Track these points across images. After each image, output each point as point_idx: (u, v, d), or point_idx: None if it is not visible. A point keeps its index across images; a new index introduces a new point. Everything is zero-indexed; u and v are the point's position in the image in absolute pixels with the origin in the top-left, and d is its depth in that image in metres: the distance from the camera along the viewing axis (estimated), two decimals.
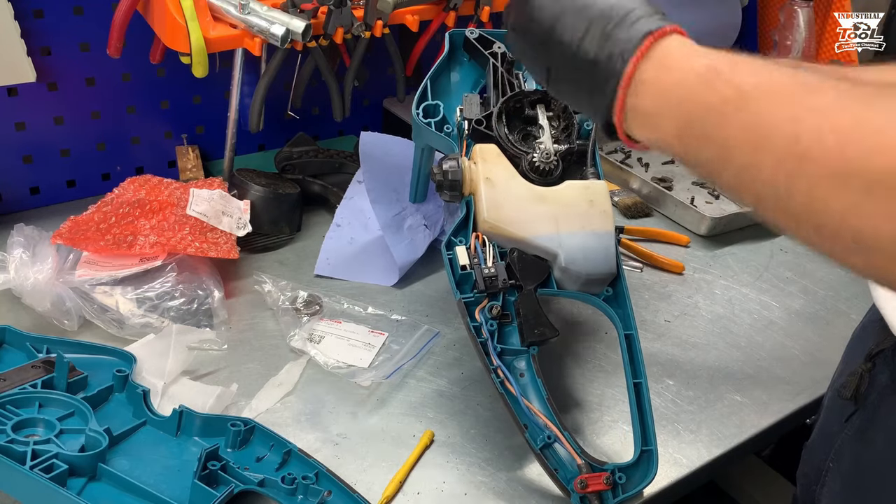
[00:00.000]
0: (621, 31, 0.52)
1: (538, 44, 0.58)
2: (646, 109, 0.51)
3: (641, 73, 0.50)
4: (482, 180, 0.79)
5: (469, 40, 0.91)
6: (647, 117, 0.51)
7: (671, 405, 0.88)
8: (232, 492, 0.66)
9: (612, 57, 0.52)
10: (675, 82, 0.49)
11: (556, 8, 0.56)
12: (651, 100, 0.50)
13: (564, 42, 0.55)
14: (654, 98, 0.50)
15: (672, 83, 0.49)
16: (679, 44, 0.50)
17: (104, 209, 1.00)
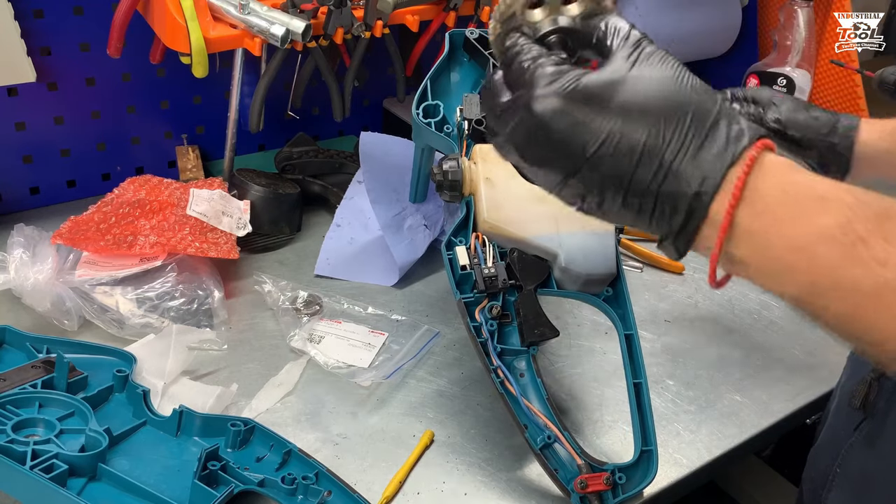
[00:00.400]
0: (706, 152, 0.41)
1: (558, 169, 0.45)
2: (746, 263, 0.41)
3: (738, 217, 0.40)
4: (482, 180, 0.79)
5: (469, 40, 0.91)
6: (751, 273, 0.41)
7: (671, 405, 0.88)
8: (232, 492, 0.66)
9: (695, 192, 0.41)
10: (789, 239, 0.39)
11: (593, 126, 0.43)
12: (752, 255, 0.41)
13: (607, 169, 0.43)
14: (757, 254, 0.40)
15: (785, 239, 0.39)
16: (779, 172, 0.40)
17: (104, 209, 1.00)
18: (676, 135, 0.42)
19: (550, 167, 0.46)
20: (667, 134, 0.42)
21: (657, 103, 0.42)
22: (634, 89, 0.42)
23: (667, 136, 0.42)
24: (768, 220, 0.40)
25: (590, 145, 0.43)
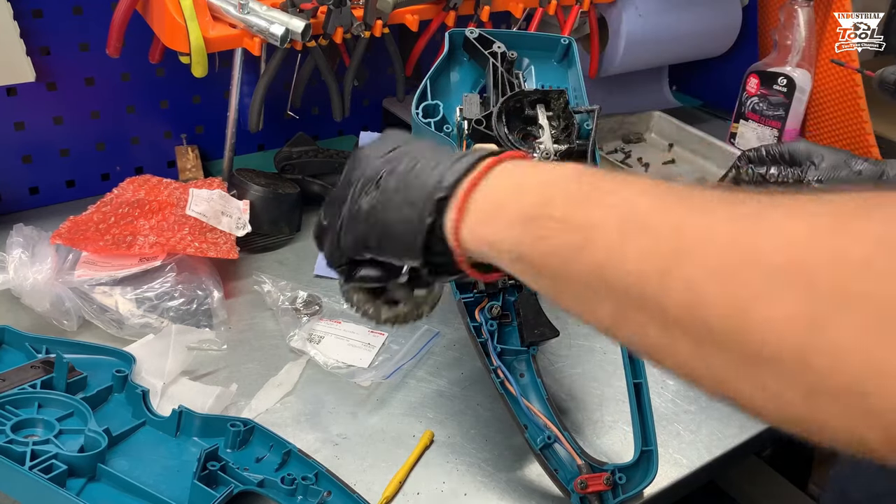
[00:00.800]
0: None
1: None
2: (497, 199, 0.46)
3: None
4: None
5: (469, 40, 0.91)
6: (497, 204, 0.46)
7: (671, 405, 0.88)
8: (231, 492, 0.66)
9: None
10: (541, 172, 0.45)
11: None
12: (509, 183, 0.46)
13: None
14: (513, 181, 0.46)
15: (537, 173, 0.45)
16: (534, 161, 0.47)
17: (103, 209, 1.00)
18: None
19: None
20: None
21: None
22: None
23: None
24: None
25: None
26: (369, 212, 0.52)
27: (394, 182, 0.51)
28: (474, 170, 0.47)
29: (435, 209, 0.47)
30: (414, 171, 0.50)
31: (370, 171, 0.53)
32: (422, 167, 0.49)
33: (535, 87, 0.90)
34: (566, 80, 0.94)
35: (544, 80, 0.93)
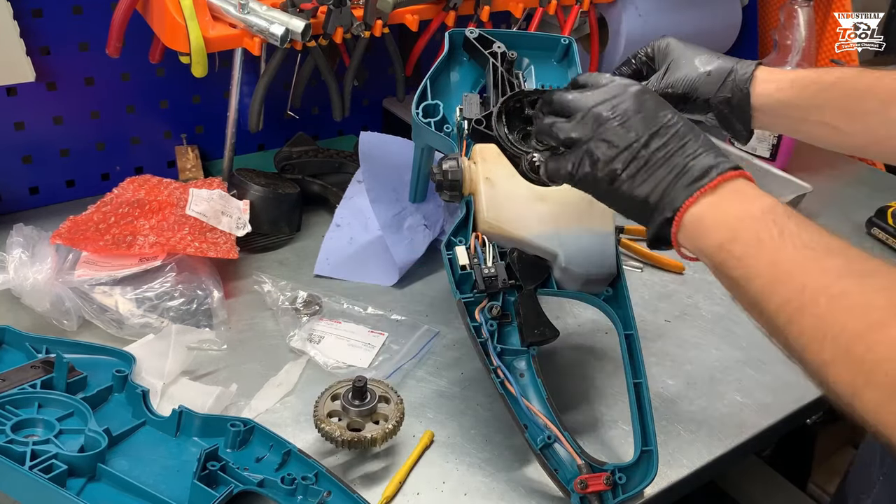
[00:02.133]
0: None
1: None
2: (707, 222, 0.59)
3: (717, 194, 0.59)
4: (482, 180, 0.78)
5: (469, 40, 0.91)
6: (706, 227, 0.59)
7: (671, 405, 0.88)
8: (231, 492, 0.66)
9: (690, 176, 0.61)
10: (741, 208, 0.58)
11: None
12: (716, 215, 0.59)
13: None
14: (719, 214, 0.59)
15: (738, 208, 0.58)
16: (750, 185, 0.60)
17: (103, 209, 1.00)
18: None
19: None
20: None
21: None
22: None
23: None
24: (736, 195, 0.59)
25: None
26: (621, 174, 0.63)
27: (646, 170, 0.62)
28: (693, 195, 0.60)
29: (663, 223, 0.61)
30: (666, 164, 0.61)
31: (635, 135, 0.62)
32: (672, 168, 0.61)
33: (535, 87, 0.90)
34: (566, 80, 0.94)
35: (544, 80, 0.93)
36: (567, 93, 0.68)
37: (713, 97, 0.80)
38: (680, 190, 0.60)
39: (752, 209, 0.57)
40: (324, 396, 0.77)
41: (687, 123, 0.64)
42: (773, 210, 0.56)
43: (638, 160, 0.62)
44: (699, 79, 0.80)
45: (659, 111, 0.63)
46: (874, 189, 1.34)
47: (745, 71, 0.79)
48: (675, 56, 0.82)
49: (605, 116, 0.63)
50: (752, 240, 0.55)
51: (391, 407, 0.77)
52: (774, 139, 1.38)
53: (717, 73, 0.80)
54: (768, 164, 1.33)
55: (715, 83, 0.80)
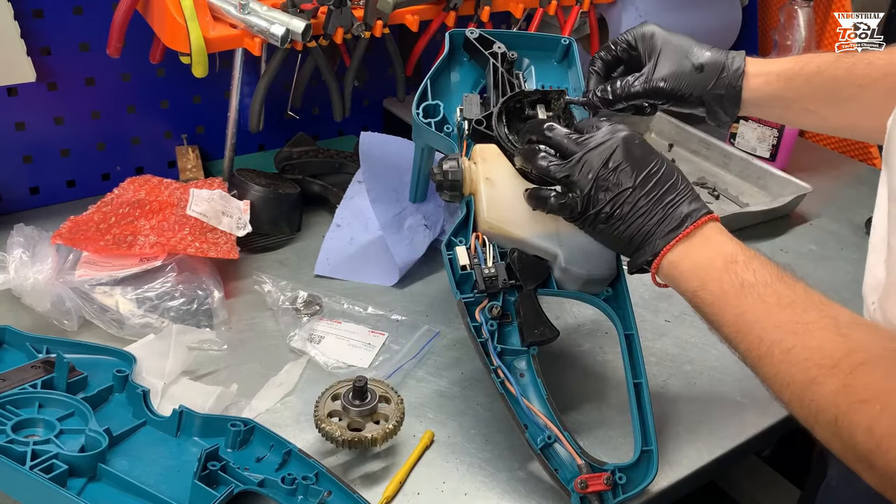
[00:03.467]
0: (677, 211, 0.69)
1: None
2: (681, 268, 0.68)
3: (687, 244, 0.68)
4: (482, 180, 0.78)
5: (469, 40, 0.91)
6: (680, 273, 0.68)
7: (671, 405, 0.88)
8: (232, 492, 0.66)
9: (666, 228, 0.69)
10: (707, 257, 0.67)
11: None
12: (687, 263, 0.68)
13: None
14: (690, 262, 0.68)
15: (705, 257, 0.67)
16: (717, 229, 0.68)
17: (104, 209, 1.00)
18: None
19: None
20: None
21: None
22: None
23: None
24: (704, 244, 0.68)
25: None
26: (616, 224, 0.71)
27: (630, 216, 0.70)
28: (669, 243, 0.68)
29: (644, 263, 0.71)
30: (649, 212, 0.69)
31: (624, 183, 0.69)
32: (653, 215, 0.69)
33: (535, 88, 0.90)
34: (566, 81, 0.94)
35: (544, 80, 0.93)
36: (564, 133, 0.74)
37: (706, 93, 0.82)
38: (659, 237, 0.68)
39: (717, 260, 0.66)
40: (324, 396, 0.77)
41: (669, 169, 0.70)
42: (734, 260, 0.65)
43: (625, 206, 0.69)
44: (691, 75, 0.82)
45: (646, 159, 0.70)
46: (874, 189, 1.34)
47: (736, 66, 0.82)
48: (662, 47, 0.84)
49: (598, 163, 0.70)
50: (717, 290, 0.64)
51: (391, 407, 0.77)
52: (774, 139, 1.38)
53: (709, 69, 0.82)
54: (768, 164, 1.33)
55: (708, 79, 0.82)
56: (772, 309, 0.60)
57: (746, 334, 0.61)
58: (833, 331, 0.57)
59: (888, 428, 0.49)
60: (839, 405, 0.52)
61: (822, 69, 0.82)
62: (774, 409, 0.89)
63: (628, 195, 0.69)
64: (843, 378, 0.53)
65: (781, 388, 0.58)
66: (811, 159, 1.47)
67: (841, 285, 1.12)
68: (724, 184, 1.34)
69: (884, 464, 0.49)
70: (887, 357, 0.53)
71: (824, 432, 0.54)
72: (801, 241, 1.23)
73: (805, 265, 1.16)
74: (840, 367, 0.54)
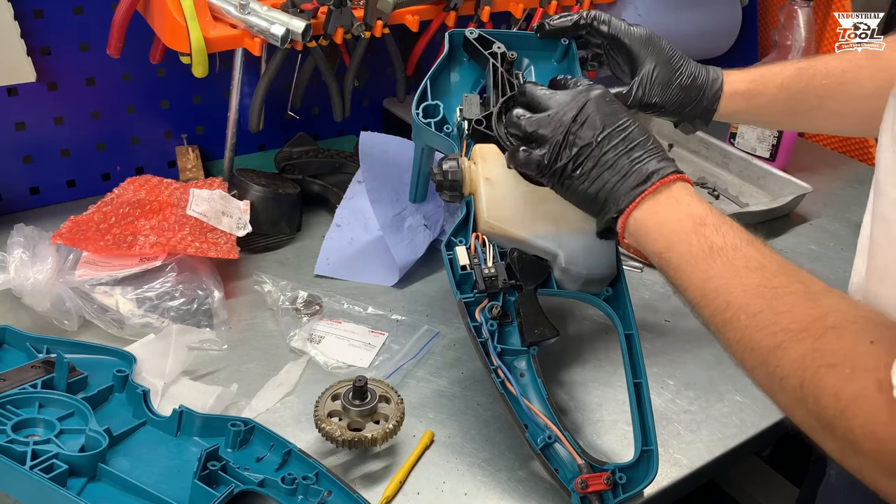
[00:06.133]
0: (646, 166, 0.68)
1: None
2: (647, 227, 0.66)
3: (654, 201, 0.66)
4: (482, 180, 0.78)
5: (469, 40, 0.91)
6: (647, 233, 0.66)
7: (671, 405, 0.88)
8: (232, 492, 0.66)
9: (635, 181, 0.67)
10: (676, 217, 0.65)
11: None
12: (654, 222, 0.66)
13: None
14: (657, 222, 0.66)
15: (674, 217, 0.65)
16: (686, 190, 0.67)
17: (104, 209, 1.00)
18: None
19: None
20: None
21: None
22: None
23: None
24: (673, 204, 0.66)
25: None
26: (581, 180, 0.70)
27: (594, 172, 0.68)
28: (635, 200, 0.66)
29: (609, 220, 0.69)
30: (614, 167, 0.68)
31: (589, 136, 0.69)
32: (618, 171, 0.68)
33: None
34: None
35: (544, 80, 0.93)
36: (538, 89, 0.75)
37: (686, 111, 0.87)
38: (623, 192, 0.67)
39: (685, 221, 0.64)
40: (324, 396, 0.77)
41: (640, 128, 0.69)
42: (703, 222, 0.63)
43: (590, 160, 0.68)
44: (677, 93, 0.86)
45: (615, 115, 0.69)
46: None
47: (715, 89, 0.87)
48: (655, 59, 0.86)
49: (568, 117, 0.70)
50: (685, 253, 0.63)
51: (391, 407, 0.77)
52: (774, 139, 1.38)
53: (693, 91, 0.87)
54: (768, 165, 1.33)
55: (691, 99, 0.87)
56: (740, 272, 0.59)
57: (712, 298, 0.59)
58: (803, 296, 0.55)
59: (855, 392, 0.47)
60: (806, 369, 0.50)
61: (784, 85, 0.86)
62: (774, 409, 0.88)
63: (593, 149, 0.68)
64: (811, 342, 0.51)
65: (745, 354, 0.56)
66: (811, 159, 1.47)
67: (840, 285, 1.11)
68: (724, 184, 1.34)
69: (847, 430, 0.48)
70: (858, 323, 0.51)
71: (787, 399, 0.53)
72: (800, 241, 1.23)
73: (805, 265, 1.15)
74: (809, 331, 0.52)
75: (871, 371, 0.47)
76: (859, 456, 0.48)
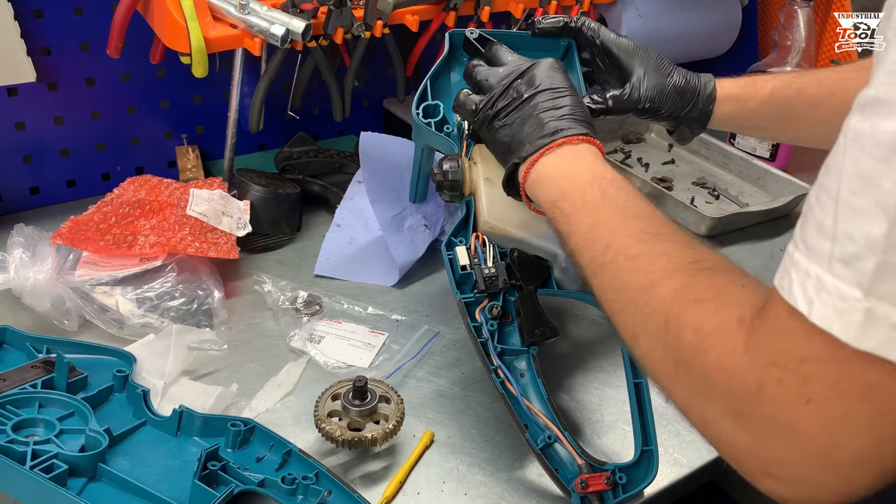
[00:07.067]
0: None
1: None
2: (546, 178, 0.68)
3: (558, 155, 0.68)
4: (482, 180, 0.79)
5: (469, 40, 0.91)
6: (543, 182, 0.68)
7: (671, 405, 0.88)
8: (232, 492, 0.66)
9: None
10: (575, 170, 0.67)
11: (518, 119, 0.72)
12: (554, 173, 0.68)
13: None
14: (557, 173, 0.68)
15: (573, 170, 0.67)
16: (593, 152, 0.69)
17: (104, 209, 1.00)
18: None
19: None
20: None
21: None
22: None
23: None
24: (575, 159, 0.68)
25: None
26: (501, 127, 0.73)
27: (515, 121, 0.71)
28: (539, 150, 0.68)
29: (511, 168, 0.72)
30: (531, 120, 0.70)
31: (524, 91, 0.72)
32: (533, 124, 0.70)
33: None
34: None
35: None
36: (503, 48, 0.80)
37: (683, 115, 0.88)
38: (529, 142, 0.69)
39: (584, 173, 0.65)
40: (324, 396, 0.77)
41: (574, 98, 0.72)
42: (602, 176, 0.65)
43: (516, 112, 0.71)
44: (672, 96, 0.87)
45: (554, 79, 0.72)
46: None
47: (709, 91, 0.88)
48: (645, 65, 0.87)
49: (515, 73, 0.73)
50: (577, 201, 0.64)
51: (391, 407, 0.77)
52: None
53: (688, 93, 0.87)
54: (768, 165, 1.33)
55: (686, 102, 0.87)
56: (627, 219, 0.60)
57: (595, 242, 0.60)
58: (684, 244, 0.56)
59: (716, 325, 0.47)
60: (673, 304, 0.51)
61: (775, 90, 0.88)
62: None
63: (521, 102, 0.71)
64: (683, 280, 0.52)
65: (616, 295, 0.57)
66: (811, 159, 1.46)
67: None
68: (723, 184, 1.34)
69: (701, 365, 0.48)
70: (734, 272, 0.52)
71: (648, 341, 0.53)
72: None
73: None
74: (683, 270, 0.53)
75: (736, 308, 0.47)
76: (708, 396, 0.48)
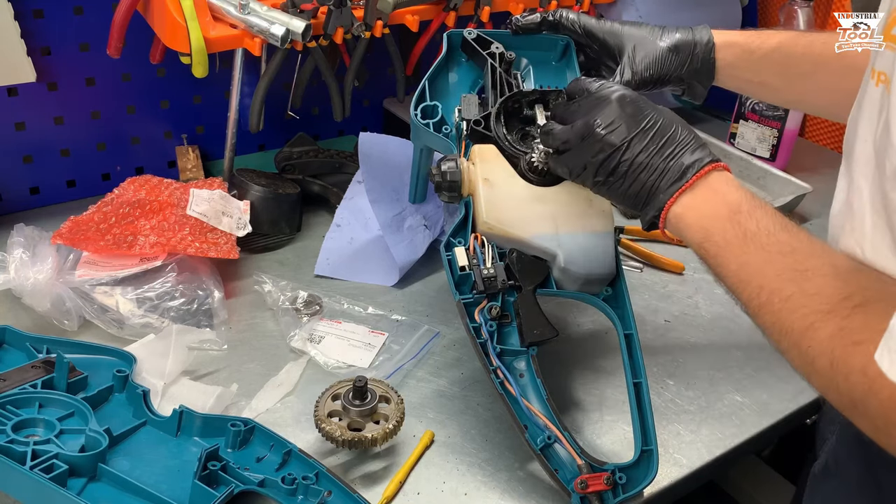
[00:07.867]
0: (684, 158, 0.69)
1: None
2: (686, 220, 0.67)
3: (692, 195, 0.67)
4: (481, 181, 0.79)
5: (467, 41, 0.91)
6: (686, 225, 0.68)
7: (671, 405, 0.88)
8: (232, 492, 0.66)
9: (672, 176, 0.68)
10: (712, 208, 0.66)
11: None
12: (692, 215, 0.67)
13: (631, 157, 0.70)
14: (695, 214, 0.67)
15: (710, 208, 0.66)
16: (722, 179, 0.67)
17: (104, 209, 1.00)
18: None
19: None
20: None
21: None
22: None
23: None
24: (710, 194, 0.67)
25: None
26: (610, 176, 0.70)
27: (631, 171, 0.69)
28: (671, 197, 0.68)
29: (651, 219, 0.70)
30: (648, 167, 0.68)
31: (616, 141, 0.69)
32: (653, 170, 0.68)
33: (533, 88, 0.90)
34: (565, 81, 0.94)
35: (543, 80, 0.93)
36: (562, 103, 0.76)
37: (684, 72, 0.87)
38: (662, 191, 0.68)
39: (721, 210, 0.65)
40: (324, 396, 0.77)
41: (666, 120, 0.70)
42: (738, 210, 0.64)
43: (622, 164, 0.69)
44: (668, 57, 0.87)
45: (639, 115, 0.70)
46: None
47: (705, 39, 0.88)
48: (632, 40, 0.88)
49: (593, 124, 0.70)
50: (721, 241, 0.64)
51: (391, 407, 0.77)
52: (774, 139, 1.38)
53: (682, 48, 0.87)
54: (768, 165, 1.33)
55: (684, 58, 0.87)
56: (773, 257, 0.60)
57: (748, 284, 0.61)
58: (832, 277, 0.56)
59: (879, 369, 0.48)
60: (834, 349, 0.52)
61: (781, 44, 0.86)
62: (774, 408, 0.89)
63: (623, 153, 0.69)
64: (839, 322, 0.52)
65: (780, 337, 0.58)
66: (811, 159, 1.46)
67: None
68: None
69: (877, 405, 0.48)
70: (885, 300, 0.51)
71: (820, 381, 0.54)
72: None
73: None
74: (836, 311, 0.53)
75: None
76: (893, 431, 0.48)
